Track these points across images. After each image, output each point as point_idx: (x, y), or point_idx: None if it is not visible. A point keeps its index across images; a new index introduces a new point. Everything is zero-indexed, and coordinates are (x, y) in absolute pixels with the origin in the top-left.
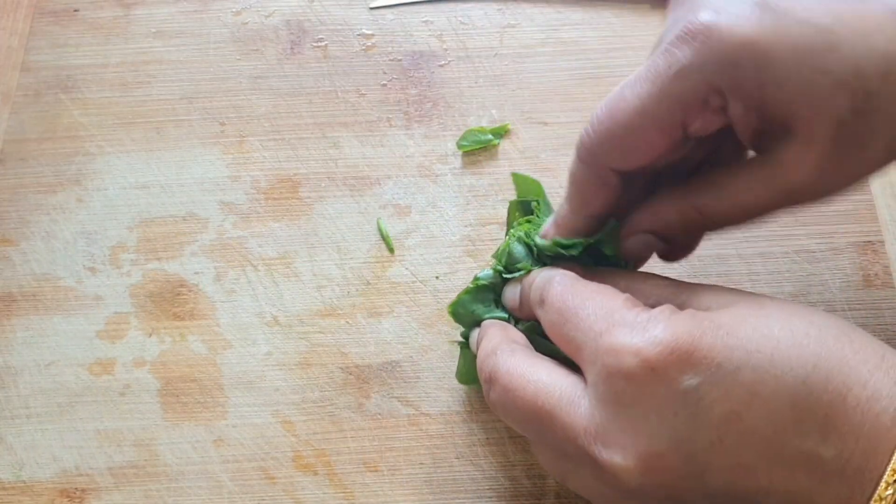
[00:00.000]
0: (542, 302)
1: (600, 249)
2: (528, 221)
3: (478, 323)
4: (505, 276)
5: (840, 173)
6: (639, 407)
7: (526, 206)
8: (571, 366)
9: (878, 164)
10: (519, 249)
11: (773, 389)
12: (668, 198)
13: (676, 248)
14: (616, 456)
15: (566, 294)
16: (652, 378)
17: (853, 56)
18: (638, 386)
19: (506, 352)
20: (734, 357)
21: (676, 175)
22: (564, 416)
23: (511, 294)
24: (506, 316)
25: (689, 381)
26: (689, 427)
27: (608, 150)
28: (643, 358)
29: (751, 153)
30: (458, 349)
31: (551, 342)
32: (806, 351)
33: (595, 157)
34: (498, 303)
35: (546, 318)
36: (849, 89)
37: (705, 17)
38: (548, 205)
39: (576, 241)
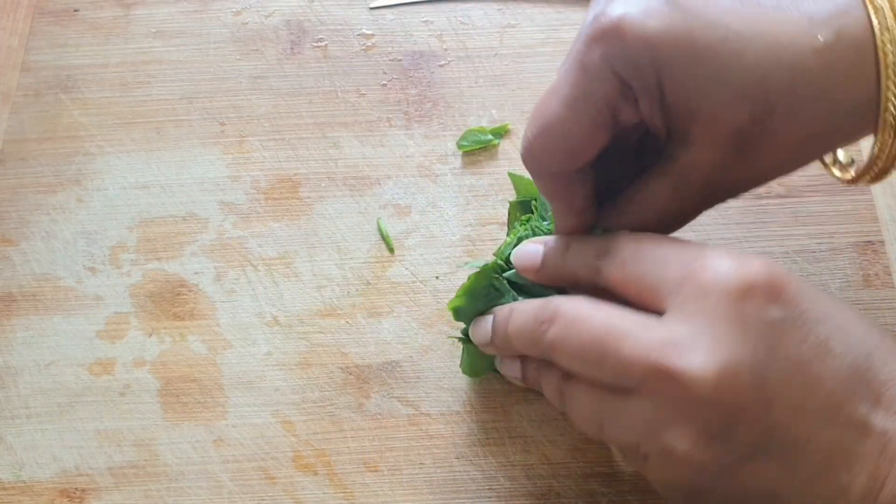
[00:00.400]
0: (604, 251)
1: None
2: (527, 220)
3: (481, 313)
4: (506, 273)
5: (739, 177)
6: (725, 323)
7: (526, 205)
8: None
9: (781, 169)
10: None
11: (841, 352)
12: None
13: None
14: (695, 361)
15: (642, 237)
16: (743, 300)
17: (758, 66)
18: (729, 303)
19: (566, 298)
20: (817, 310)
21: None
22: (637, 334)
23: (483, 327)
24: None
25: (776, 313)
26: (767, 355)
27: (550, 158)
28: (741, 279)
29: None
30: (460, 346)
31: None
32: (872, 333)
33: (542, 167)
34: (497, 295)
35: (614, 262)
36: (749, 99)
37: (614, 12)
38: (544, 204)
39: None
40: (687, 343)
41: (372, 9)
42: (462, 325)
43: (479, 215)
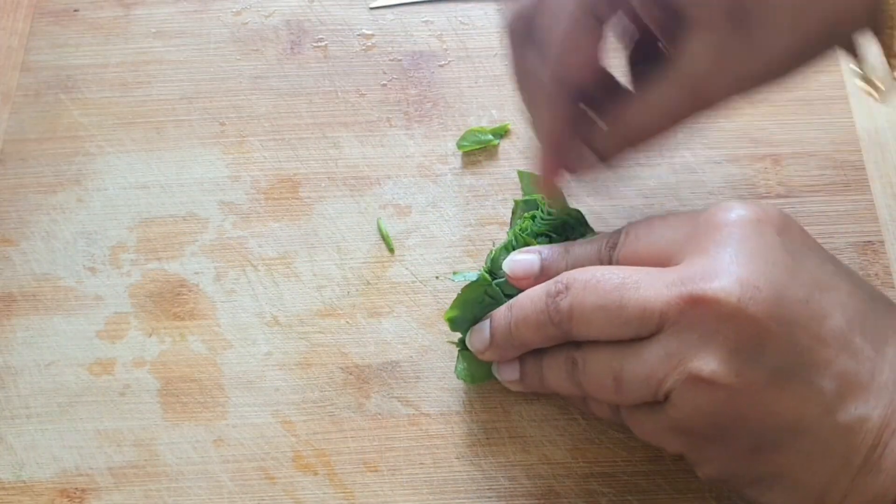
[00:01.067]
0: (614, 244)
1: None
2: (532, 218)
3: (477, 321)
4: (496, 281)
5: (741, 60)
6: (743, 247)
7: (531, 204)
8: None
9: (781, 59)
10: (504, 256)
11: (847, 291)
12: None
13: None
14: (716, 283)
15: (650, 217)
16: (758, 227)
17: None
18: (746, 230)
19: (577, 270)
20: (821, 254)
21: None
22: (653, 279)
23: (480, 333)
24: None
25: (787, 244)
26: (785, 276)
27: (564, 66)
28: (753, 211)
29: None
30: (456, 350)
31: None
32: (870, 287)
33: (561, 75)
34: (493, 303)
35: (625, 246)
36: None
37: None
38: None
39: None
40: (707, 271)
41: (372, 9)
42: (458, 333)
43: (479, 215)
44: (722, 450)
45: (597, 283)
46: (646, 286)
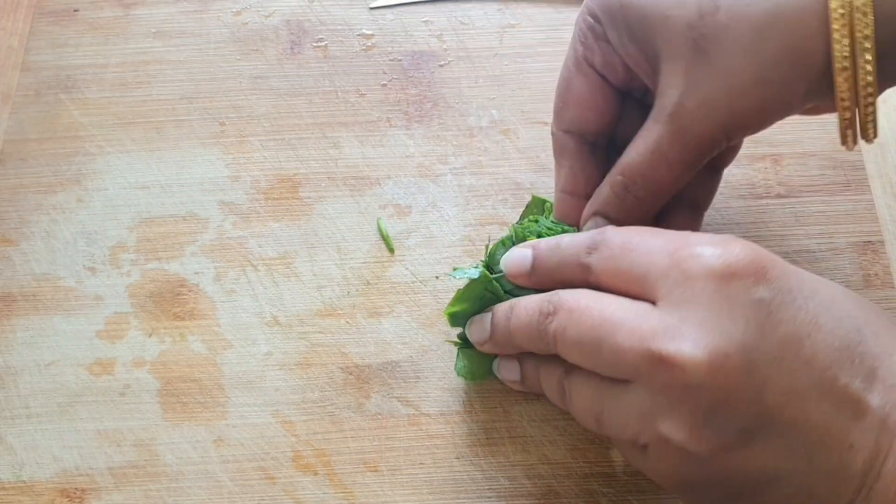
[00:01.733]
0: (594, 247)
1: None
2: (536, 221)
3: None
4: (495, 275)
5: (708, 86)
6: (713, 308)
7: (539, 206)
8: None
9: (744, 84)
10: (501, 252)
11: (832, 328)
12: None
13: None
14: (685, 346)
15: (628, 231)
16: (729, 282)
17: None
18: (716, 286)
19: (568, 291)
20: (804, 288)
21: None
22: (632, 324)
23: (481, 325)
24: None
25: (763, 293)
26: (756, 337)
27: (563, 112)
28: (725, 262)
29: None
30: (456, 349)
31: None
32: (860, 307)
33: (560, 123)
34: (493, 299)
35: (602, 257)
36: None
37: None
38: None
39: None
40: (677, 330)
41: (372, 9)
42: (458, 329)
43: (479, 215)
44: (701, 499)
45: (580, 316)
46: (623, 333)
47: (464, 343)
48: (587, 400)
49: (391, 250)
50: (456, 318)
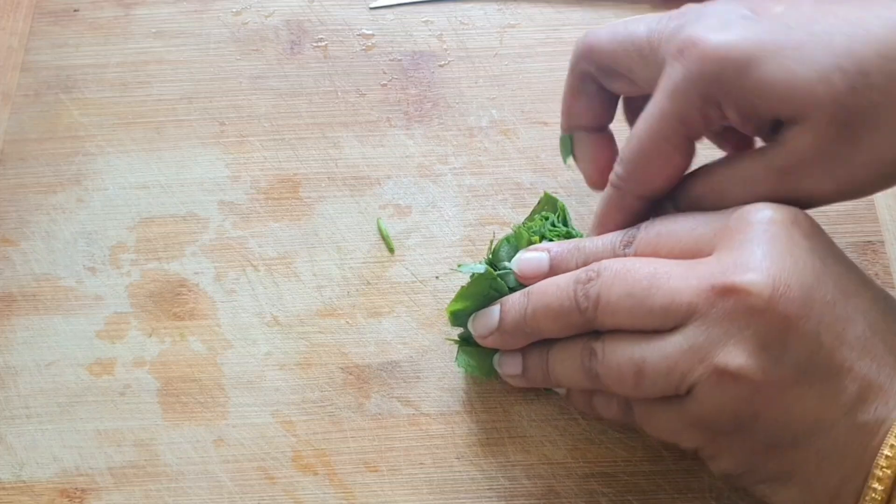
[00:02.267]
0: (630, 240)
1: None
2: (545, 219)
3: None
4: (497, 273)
5: (843, 159)
6: (774, 246)
7: (551, 204)
8: None
9: (884, 163)
10: (506, 249)
11: (870, 298)
12: (689, 179)
13: None
14: (750, 274)
15: (665, 218)
16: (789, 229)
17: (844, 40)
18: (775, 230)
19: (608, 259)
20: (847, 262)
21: None
22: (684, 270)
23: (489, 317)
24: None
25: (816, 247)
26: (813, 279)
27: (637, 182)
28: (785, 213)
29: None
30: (456, 348)
31: None
32: (892, 299)
33: (627, 189)
34: (497, 296)
35: (643, 243)
36: (842, 70)
37: (691, 31)
38: (566, 220)
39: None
40: (739, 264)
41: (372, 9)
42: (459, 329)
43: (479, 215)
44: (739, 445)
45: (627, 272)
46: (676, 277)
47: (464, 342)
48: (625, 354)
49: (391, 250)
50: (458, 317)
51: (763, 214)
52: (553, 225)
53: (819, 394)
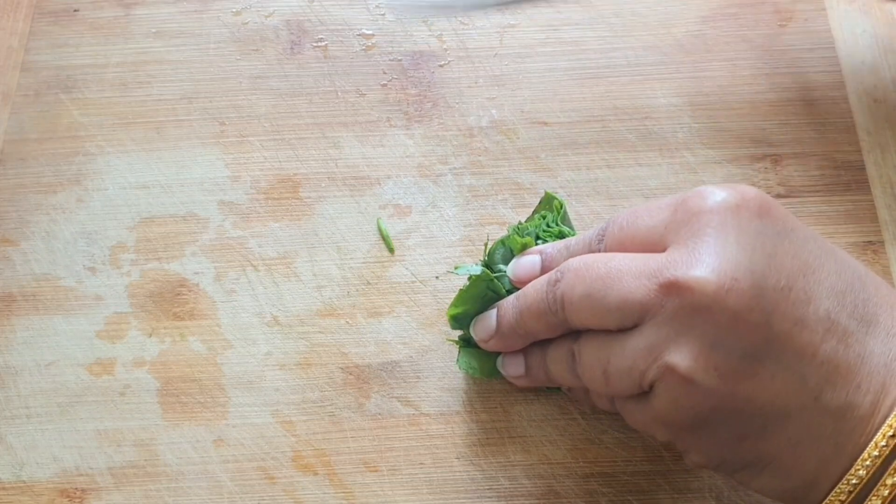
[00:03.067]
0: (603, 234)
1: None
2: (543, 217)
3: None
4: (494, 274)
5: None
6: (721, 236)
7: (550, 202)
8: None
9: None
10: (500, 252)
11: (834, 270)
12: None
13: None
14: (693, 270)
15: (633, 208)
16: (737, 213)
17: None
18: (723, 217)
19: (575, 258)
20: (805, 230)
21: None
22: (639, 267)
23: (487, 321)
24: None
25: (769, 226)
26: (764, 265)
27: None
28: (731, 195)
29: None
30: (457, 348)
31: None
32: (858, 264)
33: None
34: (495, 298)
35: (611, 235)
36: None
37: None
38: (564, 216)
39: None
40: (685, 260)
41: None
42: (458, 331)
43: (479, 215)
44: (707, 439)
45: (585, 271)
46: (629, 275)
47: (465, 343)
48: (594, 355)
49: (391, 250)
50: (458, 321)
51: (709, 202)
52: (548, 225)
53: (782, 381)
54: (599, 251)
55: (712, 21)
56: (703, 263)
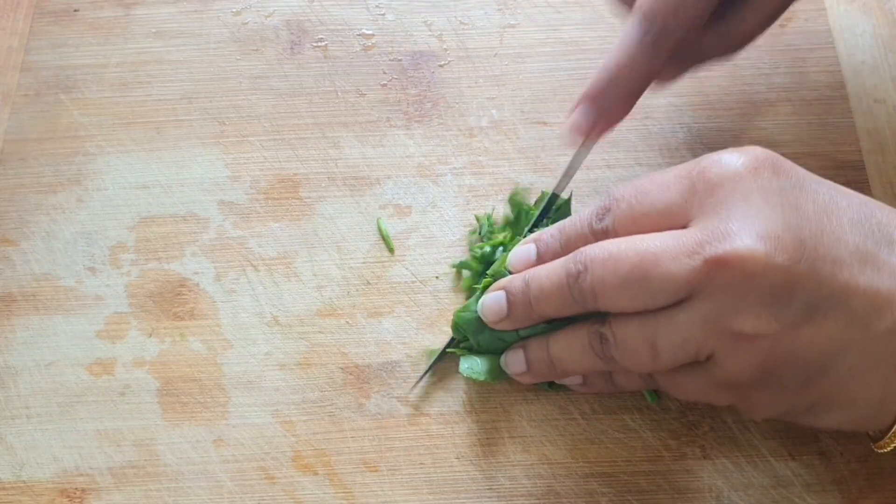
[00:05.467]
0: (605, 210)
1: None
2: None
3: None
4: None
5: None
6: (749, 200)
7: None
8: None
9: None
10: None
11: (847, 204)
12: None
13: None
14: (737, 241)
15: (635, 181)
16: (756, 175)
17: None
18: (745, 182)
19: (590, 246)
20: (810, 176)
21: None
22: (674, 247)
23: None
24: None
25: (785, 181)
26: (794, 216)
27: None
28: (746, 160)
29: None
30: (459, 356)
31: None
32: (858, 194)
33: (660, 24)
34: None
35: (619, 213)
36: None
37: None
38: (530, 215)
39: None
40: (723, 231)
41: None
42: (458, 337)
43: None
44: (772, 392)
45: (616, 262)
46: (665, 259)
47: (466, 350)
48: (637, 333)
49: (391, 250)
50: (460, 327)
51: (728, 169)
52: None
53: (834, 321)
54: (603, 230)
55: None
56: (744, 230)
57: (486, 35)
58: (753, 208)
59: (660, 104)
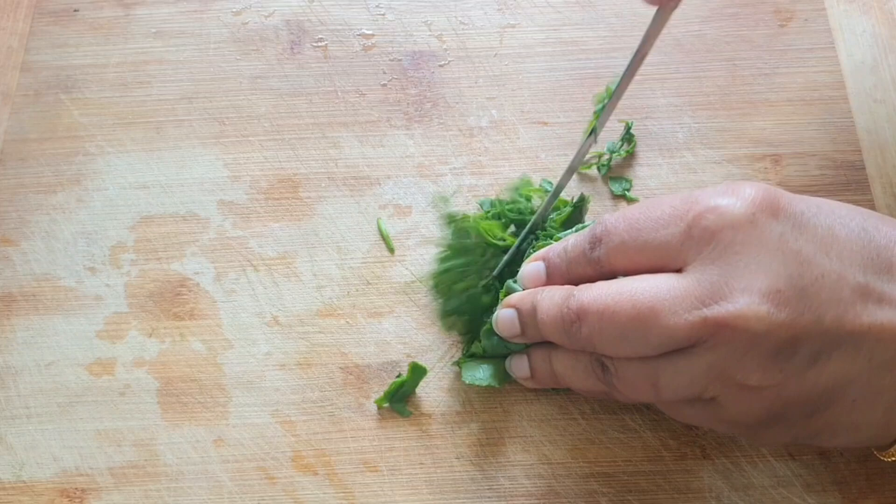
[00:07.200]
0: (596, 241)
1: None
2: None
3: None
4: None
5: None
6: (748, 252)
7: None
8: None
9: None
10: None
11: (846, 235)
12: None
13: None
14: (739, 301)
15: (627, 212)
16: (754, 224)
17: None
18: (744, 232)
19: (580, 289)
20: (810, 206)
21: None
22: (672, 300)
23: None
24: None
25: (785, 225)
26: (795, 263)
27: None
28: (744, 207)
29: None
30: (460, 346)
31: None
32: (853, 207)
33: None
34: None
35: (610, 247)
36: None
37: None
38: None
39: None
40: (723, 289)
41: None
42: (460, 342)
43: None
44: (777, 428)
45: (612, 315)
46: (664, 312)
47: (470, 356)
48: (639, 372)
49: (391, 250)
50: (451, 323)
51: (725, 218)
52: (520, 211)
53: (839, 360)
54: (596, 260)
55: (712, 21)
56: (745, 291)
57: (486, 35)
58: (753, 262)
59: (660, 104)
